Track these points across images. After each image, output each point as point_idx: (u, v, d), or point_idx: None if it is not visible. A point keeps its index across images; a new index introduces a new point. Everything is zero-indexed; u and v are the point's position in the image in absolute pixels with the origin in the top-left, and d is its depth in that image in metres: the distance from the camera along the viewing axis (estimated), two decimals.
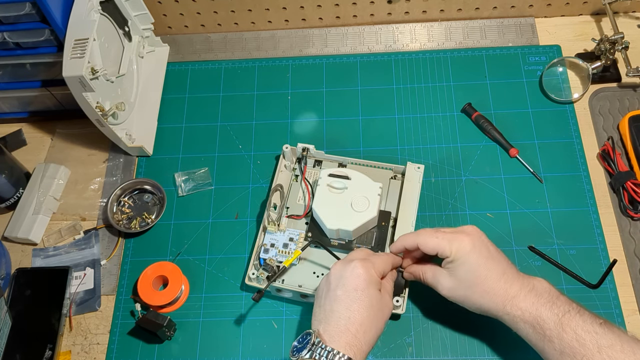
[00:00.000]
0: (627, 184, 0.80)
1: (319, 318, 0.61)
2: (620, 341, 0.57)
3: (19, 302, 0.79)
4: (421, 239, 0.66)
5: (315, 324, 0.61)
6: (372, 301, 0.61)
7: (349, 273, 0.62)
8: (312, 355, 0.57)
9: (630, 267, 0.77)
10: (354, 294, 0.60)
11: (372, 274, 0.62)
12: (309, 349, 0.57)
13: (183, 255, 0.83)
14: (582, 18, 0.97)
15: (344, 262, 0.64)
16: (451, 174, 0.85)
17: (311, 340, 0.58)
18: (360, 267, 0.62)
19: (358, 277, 0.61)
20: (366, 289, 0.61)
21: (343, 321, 0.59)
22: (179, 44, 1.01)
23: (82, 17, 0.76)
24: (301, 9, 0.96)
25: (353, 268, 0.62)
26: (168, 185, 0.87)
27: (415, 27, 0.98)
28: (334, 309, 0.60)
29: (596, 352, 0.56)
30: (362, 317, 0.59)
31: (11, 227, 0.85)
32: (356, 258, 0.64)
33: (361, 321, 0.59)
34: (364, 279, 0.61)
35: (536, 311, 0.60)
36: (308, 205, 0.81)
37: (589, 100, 0.90)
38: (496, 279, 0.63)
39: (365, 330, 0.59)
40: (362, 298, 0.60)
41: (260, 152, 0.90)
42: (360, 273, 0.62)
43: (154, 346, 0.77)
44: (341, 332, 0.58)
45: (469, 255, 0.63)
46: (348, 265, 0.63)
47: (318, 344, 0.57)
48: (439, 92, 0.92)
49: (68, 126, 0.94)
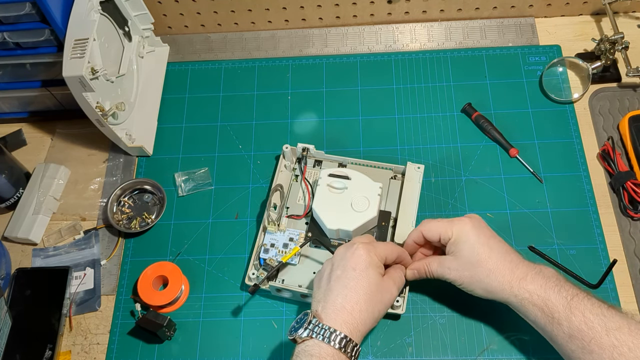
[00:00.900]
0: (627, 184, 0.80)
1: (317, 298, 0.62)
2: (628, 324, 0.57)
3: (19, 302, 0.79)
4: (424, 226, 0.69)
5: (314, 304, 0.62)
6: (370, 282, 0.61)
7: (350, 254, 0.63)
8: (309, 334, 0.57)
9: (630, 267, 0.77)
10: (352, 273, 0.61)
11: (372, 256, 0.63)
12: (306, 327, 0.58)
13: (183, 255, 0.83)
14: (582, 18, 0.97)
15: (346, 245, 0.65)
16: (451, 174, 0.85)
17: (308, 319, 0.59)
18: (362, 249, 0.63)
19: (358, 257, 0.62)
20: (365, 269, 0.62)
21: (340, 299, 0.60)
22: (179, 44, 1.01)
23: (82, 17, 0.76)
24: (301, 9, 0.96)
25: (355, 250, 0.63)
26: (168, 185, 0.87)
27: (415, 27, 0.98)
28: (332, 288, 0.61)
29: (604, 334, 0.56)
30: (357, 295, 0.60)
31: (11, 227, 0.85)
32: (359, 241, 0.65)
33: (357, 299, 0.60)
34: (364, 259, 0.62)
35: (544, 293, 0.60)
36: (308, 205, 0.81)
37: (589, 100, 0.90)
38: (500, 257, 0.64)
39: (360, 310, 0.59)
40: (359, 277, 0.61)
41: (260, 152, 0.90)
42: (361, 254, 0.63)
43: (154, 346, 0.77)
44: (337, 310, 0.59)
45: (470, 233, 0.65)
46: (350, 248, 0.64)
47: (315, 322, 0.58)
48: (439, 92, 0.92)
49: (68, 126, 0.94)
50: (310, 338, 0.57)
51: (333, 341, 0.56)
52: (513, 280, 0.62)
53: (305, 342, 0.58)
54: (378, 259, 0.64)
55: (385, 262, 0.66)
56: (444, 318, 0.75)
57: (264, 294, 0.79)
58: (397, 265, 0.68)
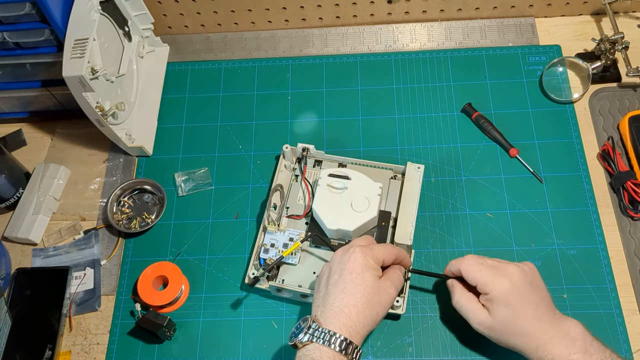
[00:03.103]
0: (627, 184, 0.80)
1: (317, 303, 0.63)
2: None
3: (19, 302, 0.79)
4: (464, 266, 0.68)
5: (314, 309, 0.62)
6: (367, 285, 0.61)
7: (347, 258, 0.63)
8: (310, 338, 0.58)
9: (630, 267, 0.77)
10: (349, 277, 0.62)
11: (368, 259, 0.63)
12: (306, 332, 0.58)
13: (183, 255, 0.83)
14: (582, 18, 0.97)
15: (344, 249, 0.65)
16: (451, 174, 0.85)
17: (307, 324, 0.59)
18: (359, 252, 0.63)
19: (355, 260, 0.63)
20: (361, 272, 0.62)
21: (337, 302, 0.60)
22: (179, 44, 1.01)
23: (82, 17, 0.76)
24: (301, 9, 0.96)
25: (352, 253, 0.63)
26: (168, 185, 0.87)
27: (415, 27, 0.98)
28: (330, 292, 0.62)
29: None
30: (355, 298, 0.60)
31: (11, 227, 0.85)
32: (356, 245, 0.65)
33: (354, 302, 0.60)
34: (360, 263, 0.62)
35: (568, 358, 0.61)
36: (308, 205, 0.81)
37: (589, 100, 0.90)
38: (531, 321, 0.63)
39: (358, 312, 0.60)
40: (355, 281, 0.61)
41: (260, 152, 0.90)
42: (358, 257, 0.63)
43: (154, 346, 0.77)
44: (335, 314, 0.59)
45: (510, 298, 0.64)
46: (347, 251, 0.64)
47: (315, 326, 0.58)
48: (439, 92, 0.92)
49: (68, 126, 0.94)
50: (310, 342, 0.58)
51: (333, 344, 0.57)
52: (540, 342, 0.62)
53: (305, 347, 0.58)
54: (375, 261, 0.64)
55: (383, 264, 0.66)
56: (444, 318, 0.75)
57: (264, 293, 0.79)
58: (395, 265, 0.68)
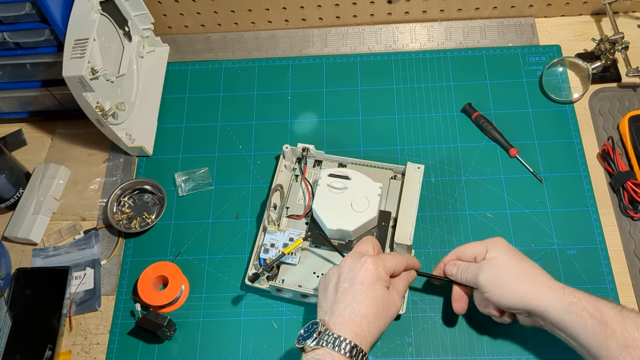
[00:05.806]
0: (627, 184, 0.80)
1: (325, 309, 0.62)
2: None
3: (19, 302, 0.79)
4: (458, 250, 0.71)
5: (321, 314, 0.62)
6: (377, 296, 0.61)
7: (359, 267, 0.63)
8: (319, 343, 0.58)
9: (630, 267, 0.77)
10: (360, 287, 0.61)
11: (380, 270, 0.63)
12: (315, 337, 0.58)
13: (183, 255, 0.83)
14: (582, 18, 0.97)
15: (355, 257, 0.65)
16: (451, 174, 0.85)
17: (318, 329, 0.59)
18: (371, 263, 0.63)
19: (367, 271, 0.62)
20: (372, 284, 0.62)
21: (347, 311, 0.60)
22: (179, 44, 1.01)
23: (82, 17, 0.76)
24: (301, 9, 0.96)
25: (363, 263, 0.63)
26: (168, 185, 0.87)
27: (415, 27, 0.98)
28: (340, 300, 0.61)
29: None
30: (366, 309, 0.60)
31: (11, 227, 0.85)
32: (367, 254, 0.65)
33: (365, 313, 0.60)
34: (372, 274, 0.62)
35: (594, 300, 0.60)
36: (308, 205, 0.81)
37: (589, 100, 0.90)
38: (539, 270, 0.64)
39: (368, 322, 0.60)
40: (366, 292, 0.61)
41: (260, 152, 0.90)
42: (370, 268, 0.63)
43: (154, 346, 0.77)
44: (346, 322, 0.59)
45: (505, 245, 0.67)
46: (359, 261, 0.64)
47: (325, 332, 0.58)
48: (439, 92, 0.92)
49: (68, 126, 0.94)
50: (320, 347, 0.58)
51: (343, 349, 0.57)
52: (555, 287, 0.62)
53: (315, 351, 0.58)
54: (385, 272, 0.64)
55: (392, 274, 0.66)
56: (444, 318, 0.75)
57: (264, 293, 0.79)
58: (403, 274, 0.68)
